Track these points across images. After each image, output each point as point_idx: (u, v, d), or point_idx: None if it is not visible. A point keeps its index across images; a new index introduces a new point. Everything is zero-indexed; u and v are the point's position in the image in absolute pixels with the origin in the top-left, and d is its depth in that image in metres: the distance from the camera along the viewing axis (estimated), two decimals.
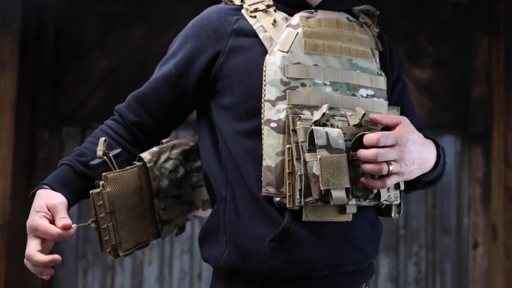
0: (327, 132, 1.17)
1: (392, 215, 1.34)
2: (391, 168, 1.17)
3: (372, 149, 1.16)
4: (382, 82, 1.34)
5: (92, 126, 3.49)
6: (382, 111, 1.29)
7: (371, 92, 1.31)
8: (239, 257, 1.27)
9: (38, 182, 1.29)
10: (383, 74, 1.35)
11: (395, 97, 1.43)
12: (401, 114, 1.37)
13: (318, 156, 1.15)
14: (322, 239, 1.25)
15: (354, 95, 1.29)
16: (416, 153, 1.21)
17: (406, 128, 1.21)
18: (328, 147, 1.16)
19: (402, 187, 1.30)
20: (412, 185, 1.35)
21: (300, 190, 1.19)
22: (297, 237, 1.24)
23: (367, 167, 1.17)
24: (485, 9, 3.49)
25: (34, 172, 3.37)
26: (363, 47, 1.33)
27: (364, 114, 1.21)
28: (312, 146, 1.18)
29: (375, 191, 1.23)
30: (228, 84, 1.30)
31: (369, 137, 1.17)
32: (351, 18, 1.36)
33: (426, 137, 1.30)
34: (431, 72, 3.47)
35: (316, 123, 1.20)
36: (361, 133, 1.19)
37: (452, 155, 3.51)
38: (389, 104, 1.38)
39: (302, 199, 1.19)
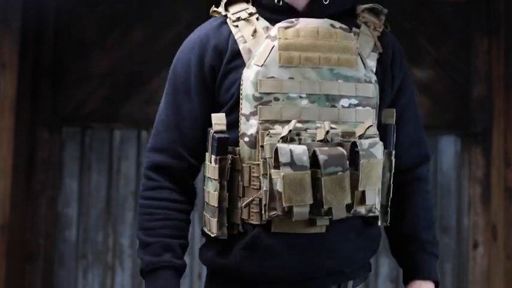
0: (291, 150, 1.18)
1: (379, 223, 1.34)
2: None
3: None
4: (370, 89, 1.31)
5: (92, 126, 3.49)
6: (368, 120, 1.26)
7: (355, 101, 1.29)
8: (216, 259, 1.32)
9: (38, 182, 1.28)
10: (373, 79, 1.32)
11: (398, 108, 1.40)
12: (398, 127, 1.37)
13: (281, 174, 1.16)
14: (293, 249, 1.26)
15: (333, 106, 1.27)
16: None
17: None
18: (292, 164, 1.17)
19: (374, 201, 1.27)
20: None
21: (265, 205, 1.21)
22: (266, 248, 1.25)
23: None
24: (485, 9, 3.49)
25: (34, 172, 3.34)
26: (346, 55, 1.29)
27: (328, 131, 1.21)
28: (277, 163, 1.19)
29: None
30: (218, 95, 1.32)
31: None
32: (335, 24, 1.31)
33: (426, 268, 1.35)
34: (431, 72, 3.47)
35: (283, 139, 1.20)
36: (313, 150, 1.20)
37: (453, 155, 3.50)
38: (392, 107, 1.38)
39: (267, 213, 1.21)
